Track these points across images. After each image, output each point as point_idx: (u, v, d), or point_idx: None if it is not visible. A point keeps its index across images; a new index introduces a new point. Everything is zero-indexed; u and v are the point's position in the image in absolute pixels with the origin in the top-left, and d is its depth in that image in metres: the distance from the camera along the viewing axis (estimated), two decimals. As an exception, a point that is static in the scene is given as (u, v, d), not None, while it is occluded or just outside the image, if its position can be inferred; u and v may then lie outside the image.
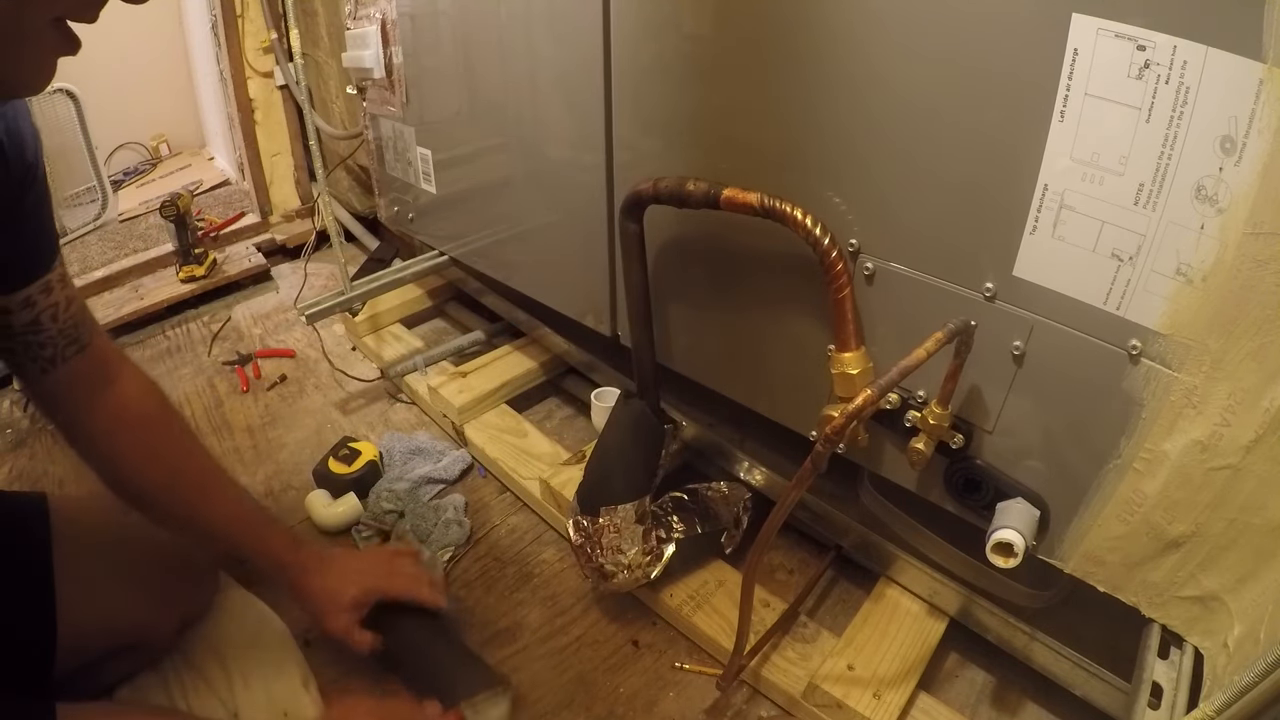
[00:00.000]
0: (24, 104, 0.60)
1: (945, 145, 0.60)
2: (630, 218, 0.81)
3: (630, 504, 0.87)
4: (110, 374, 0.73)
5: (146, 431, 0.74)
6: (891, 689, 0.79)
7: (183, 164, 2.34)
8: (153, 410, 0.76)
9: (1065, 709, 0.81)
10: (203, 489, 0.77)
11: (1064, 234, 0.56)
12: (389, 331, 1.47)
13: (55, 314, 0.66)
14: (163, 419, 0.77)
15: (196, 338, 1.56)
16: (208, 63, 1.85)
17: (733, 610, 0.82)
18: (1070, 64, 0.51)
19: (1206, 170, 0.48)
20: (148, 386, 0.77)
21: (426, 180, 1.21)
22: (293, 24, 1.27)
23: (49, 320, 0.66)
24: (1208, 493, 0.56)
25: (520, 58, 0.94)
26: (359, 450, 1.14)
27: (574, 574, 1.00)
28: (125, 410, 0.73)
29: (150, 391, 0.77)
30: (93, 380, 0.71)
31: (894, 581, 0.90)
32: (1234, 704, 0.44)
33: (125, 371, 0.75)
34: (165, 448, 0.76)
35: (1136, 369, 0.56)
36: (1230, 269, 0.49)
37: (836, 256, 0.65)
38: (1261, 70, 0.45)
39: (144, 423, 0.74)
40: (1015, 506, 0.66)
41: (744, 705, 0.85)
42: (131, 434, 0.73)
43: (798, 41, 0.65)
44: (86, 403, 0.71)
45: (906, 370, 0.57)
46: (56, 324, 0.67)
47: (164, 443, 0.76)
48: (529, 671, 0.89)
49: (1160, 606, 0.64)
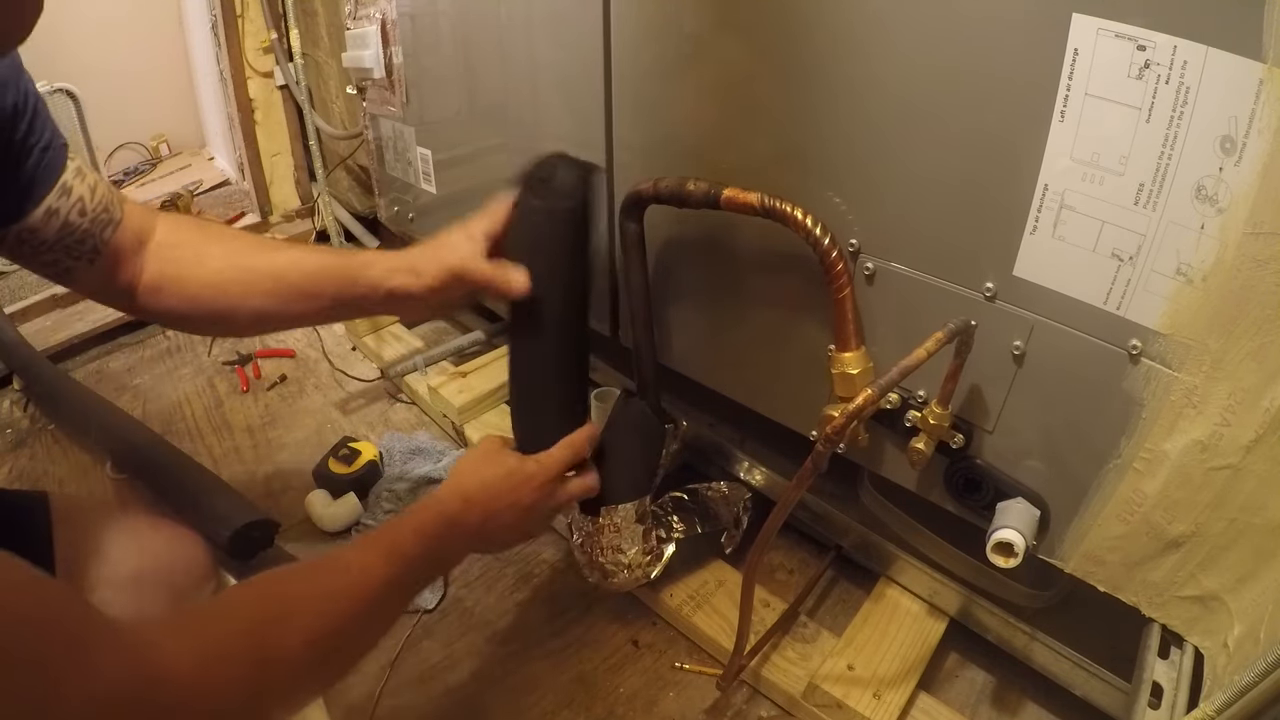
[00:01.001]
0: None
1: (946, 145, 0.60)
2: (630, 217, 0.81)
3: (630, 504, 0.87)
4: (150, 228, 0.71)
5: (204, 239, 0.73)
6: (891, 689, 0.79)
7: (183, 164, 2.34)
8: (192, 235, 0.74)
9: (1065, 709, 0.81)
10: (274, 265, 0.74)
11: (1064, 234, 0.56)
12: (389, 331, 1.47)
13: (83, 208, 0.65)
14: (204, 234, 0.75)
15: (196, 338, 1.56)
16: (208, 63, 1.85)
17: (733, 610, 0.82)
18: (1070, 64, 0.51)
19: (1206, 170, 0.49)
20: (180, 218, 0.75)
21: (426, 180, 1.21)
22: (293, 24, 1.27)
23: (78, 216, 0.64)
24: (1208, 492, 0.56)
25: (520, 58, 0.94)
26: (359, 450, 1.14)
27: (574, 574, 1.00)
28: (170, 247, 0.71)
29: (185, 219, 0.74)
30: (137, 243, 0.70)
31: (894, 581, 0.90)
32: (1234, 704, 0.44)
33: (159, 218, 0.73)
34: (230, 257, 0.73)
35: (1137, 369, 0.56)
36: (1230, 269, 0.49)
37: (837, 256, 0.65)
38: (1261, 70, 0.45)
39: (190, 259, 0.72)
40: (1015, 506, 0.66)
41: (744, 705, 0.85)
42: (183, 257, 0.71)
43: (798, 41, 0.66)
44: (139, 264, 0.70)
45: (907, 370, 0.57)
46: (86, 217, 0.65)
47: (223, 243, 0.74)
48: (529, 671, 0.89)
49: (1160, 606, 0.64)
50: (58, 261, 0.66)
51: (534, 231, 0.76)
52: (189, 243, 0.74)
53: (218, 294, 0.73)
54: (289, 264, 0.75)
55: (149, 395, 1.39)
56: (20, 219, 0.62)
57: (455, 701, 0.86)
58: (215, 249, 0.74)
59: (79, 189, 0.65)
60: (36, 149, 0.62)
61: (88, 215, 0.65)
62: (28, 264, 0.66)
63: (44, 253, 0.65)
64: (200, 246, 0.74)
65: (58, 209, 0.63)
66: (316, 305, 0.77)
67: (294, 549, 1.04)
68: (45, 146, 0.63)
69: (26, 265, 0.66)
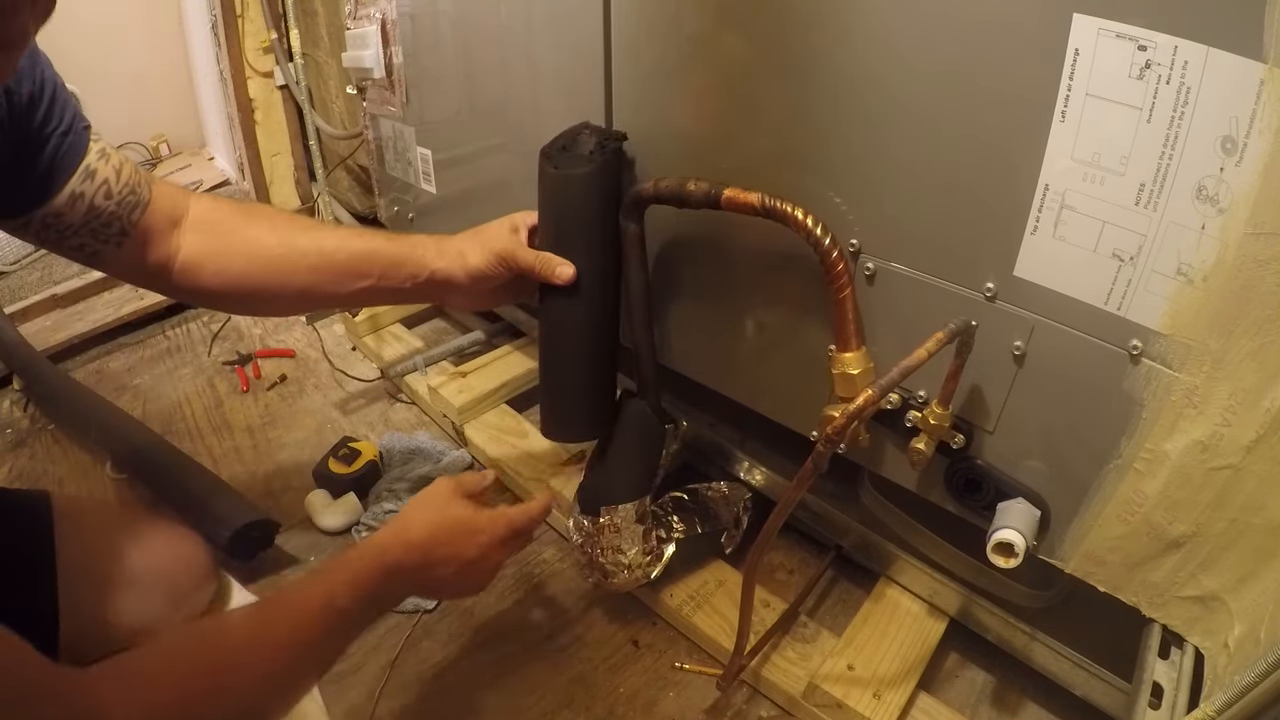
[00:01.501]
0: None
1: (946, 145, 0.60)
2: (630, 218, 0.81)
3: (630, 504, 0.87)
4: (182, 207, 0.72)
5: (246, 220, 0.73)
6: (891, 689, 0.79)
7: (183, 164, 2.33)
8: (232, 213, 0.74)
9: (1065, 709, 0.81)
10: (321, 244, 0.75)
11: (1065, 234, 0.56)
12: (389, 331, 1.47)
13: (108, 190, 0.65)
14: (245, 212, 0.75)
15: (196, 338, 1.56)
16: (208, 63, 1.85)
17: (733, 610, 0.82)
18: (1071, 64, 0.51)
19: (1207, 170, 0.49)
20: (214, 199, 0.75)
21: (426, 180, 1.21)
22: (293, 24, 1.27)
23: (103, 199, 0.65)
24: (1208, 493, 0.56)
25: (521, 58, 0.94)
26: (359, 450, 1.14)
27: (574, 574, 1.00)
28: (209, 226, 0.72)
29: (219, 200, 0.75)
30: (168, 223, 0.70)
31: (894, 581, 0.91)
32: (1234, 704, 0.44)
33: (191, 198, 0.73)
34: (275, 234, 0.74)
35: (1137, 369, 0.56)
36: (1231, 269, 0.49)
37: (837, 257, 0.65)
38: (1262, 70, 0.45)
39: (233, 237, 0.72)
40: (1016, 506, 0.66)
41: (744, 705, 0.85)
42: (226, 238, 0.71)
43: (798, 41, 0.65)
44: (173, 244, 0.70)
45: (907, 370, 0.57)
46: (112, 199, 0.65)
47: (271, 230, 0.74)
48: (529, 671, 0.89)
49: (1161, 606, 0.64)
50: (84, 245, 0.66)
51: (553, 199, 0.76)
52: (228, 221, 0.73)
53: (264, 271, 0.73)
54: (337, 243, 0.75)
55: (149, 395, 1.39)
56: (44, 203, 0.62)
57: (454, 702, 0.86)
58: (258, 226, 0.74)
59: (103, 171, 0.65)
60: (56, 134, 0.62)
61: (114, 198, 0.65)
62: (56, 248, 0.66)
63: (70, 237, 0.65)
64: (242, 224, 0.74)
65: (82, 192, 0.64)
66: (362, 285, 0.77)
67: (294, 549, 1.04)
68: (65, 131, 0.63)
69: (55, 249, 0.66)
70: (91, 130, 0.66)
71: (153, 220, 0.69)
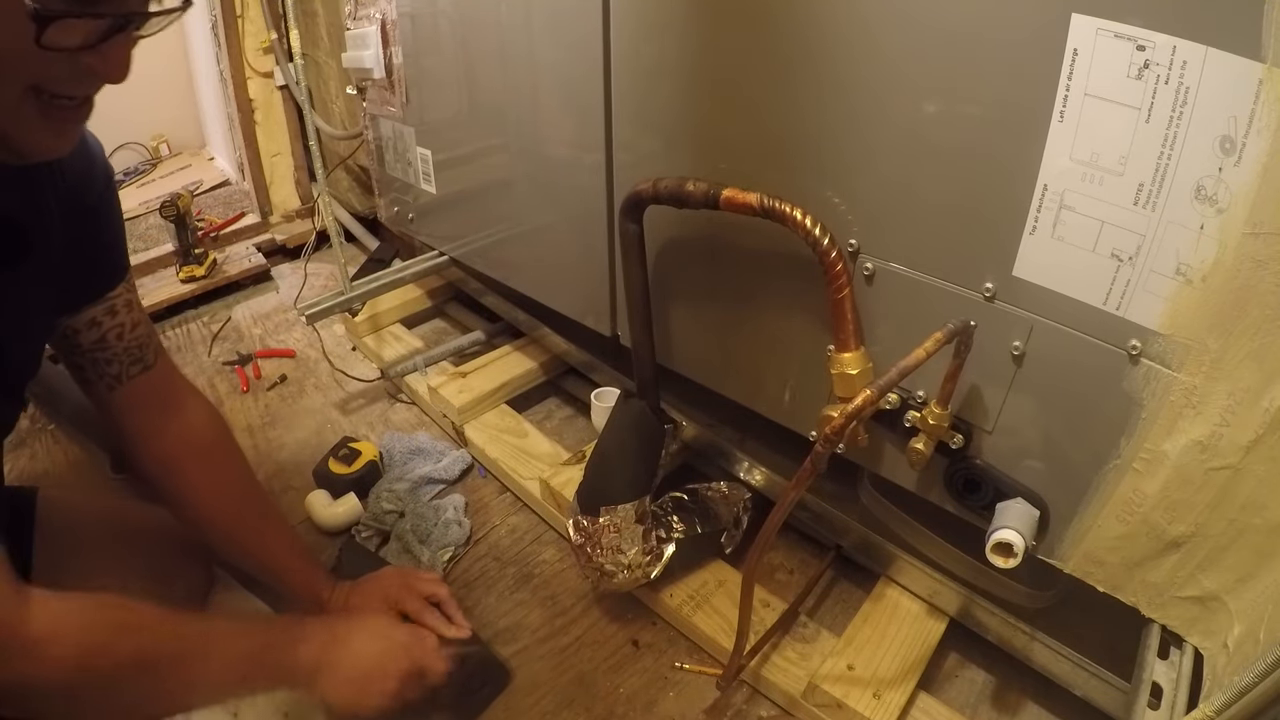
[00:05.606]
0: (91, 136, 0.64)
1: (945, 145, 0.60)
2: (630, 218, 0.81)
3: (630, 504, 0.87)
4: (177, 399, 0.77)
5: (213, 463, 0.78)
6: (891, 689, 0.79)
7: (183, 164, 2.33)
8: (218, 440, 0.80)
9: (1065, 709, 0.81)
10: (262, 526, 0.80)
11: (1064, 234, 0.56)
12: (389, 331, 1.47)
13: (121, 333, 0.71)
14: (228, 450, 0.80)
15: (196, 338, 1.56)
16: (208, 63, 1.85)
17: (733, 610, 0.82)
18: (1070, 64, 0.51)
19: (1206, 170, 0.48)
20: (212, 415, 0.80)
21: (426, 180, 1.21)
22: (293, 24, 1.27)
23: (114, 339, 0.71)
24: (1207, 493, 0.56)
25: (520, 58, 0.94)
26: (359, 450, 1.14)
27: (574, 574, 1.00)
28: (193, 438, 0.77)
29: (215, 420, 0.80)
30: (158, 401, 0.75)
31: (894, 581, 0.90)
32: (1234, 704, 0.44)
33: (191, 398, 0.79)
34: (231, 481, 0.79)
35: (1136, 369, 0.56)
36: (1230, 269, 0.49)
37: (836, 257, 0.65)
38: (1261, 70, 0.45)
39: (211, 453, 0.78)
40: (1015, 506, 0.66)
41: (744, 705, 0.85)
42: (199, 464, 0.77)
43: (797, 42, 0.65)
44: (153, 425, 0.75)
45: (906, 370, 0.57)
46: (122, 342, 0.71)
47: (230, 476, 0.79)
48: (529, 671, 0.89)
49: (1160, 607, 0.64)
50: (83, 369, 0.71)
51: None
52: (216, 456, 0.79)
53: (209, 520, 0.77)
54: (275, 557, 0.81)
55: (149, 395, 1.39)
56: (75, 313, 0.68)
57: (455, 701, 0.86)
58: (235, 486, 0.79)
59: (124, 317, 0.71)
60: (106, 255, 0.69)
61: (123, 341, 0.71)
62: (64, 358, 0.72)
63: (76, 355, 0.70)
64: (222, 476, 0.79)
65: (101, 322, 0.70)
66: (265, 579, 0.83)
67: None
68: (108, 250, 0.70)
69: (64, 360, 0.72)
70: (130, 277, 0.72)
71: (143, 389, 0.73)
